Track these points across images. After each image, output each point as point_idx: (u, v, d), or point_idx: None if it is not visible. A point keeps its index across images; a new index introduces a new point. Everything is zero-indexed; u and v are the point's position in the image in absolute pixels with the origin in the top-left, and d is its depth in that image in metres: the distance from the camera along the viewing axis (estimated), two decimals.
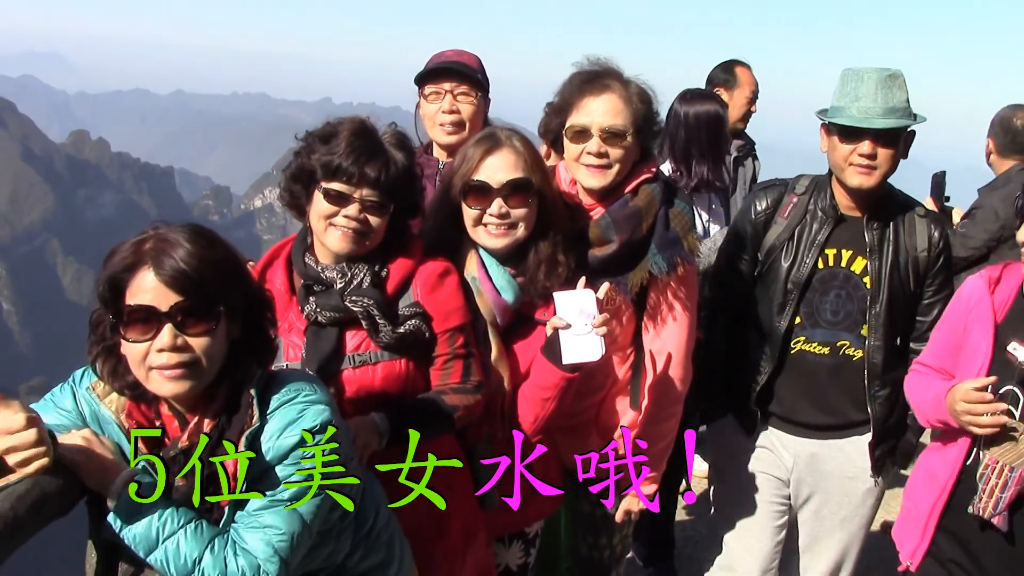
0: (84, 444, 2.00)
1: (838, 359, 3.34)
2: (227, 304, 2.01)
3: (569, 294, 2.61)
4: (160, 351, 1.94)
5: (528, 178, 2.74)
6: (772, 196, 3.37)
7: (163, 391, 1.99)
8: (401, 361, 2.60)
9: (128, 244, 1.98)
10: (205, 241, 2.00)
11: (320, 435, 2.02)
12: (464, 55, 3.50)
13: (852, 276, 3.30)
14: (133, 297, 1.94)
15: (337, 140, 2.50)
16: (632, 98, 2.90)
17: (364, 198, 2.50)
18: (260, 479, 2.00)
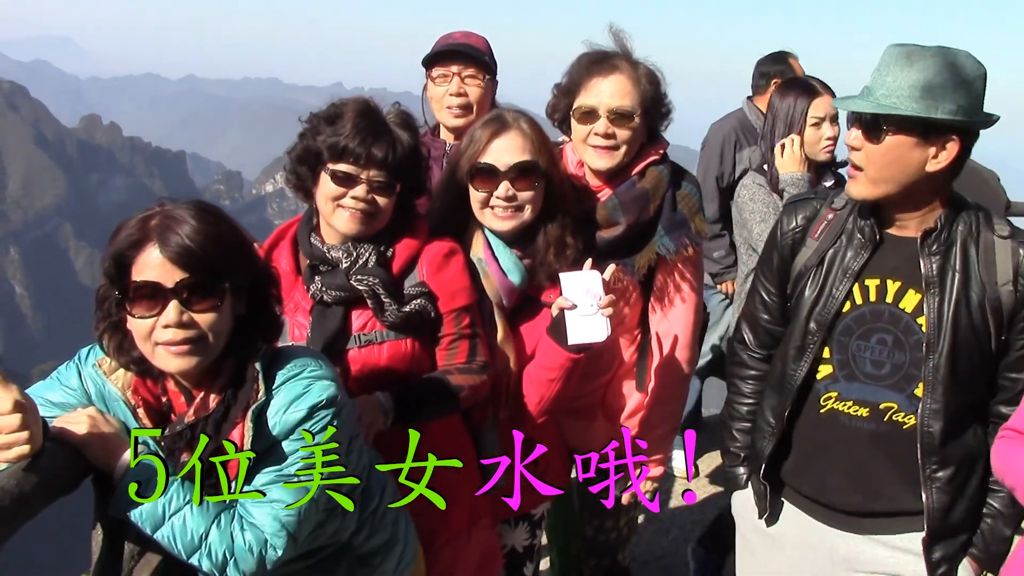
0: (89, 422, 2.00)
1: (882, 426, 2.50)
2: (232, 281, 2.01)
3: (575, 275, 2.61)
4: (166, 327, 1.94)
5: (535, 161, 2.73)
6: (805, 212, 2.64)
7: (169, 367, 1.99)
8: (406, 341, 2.60)
9: (134, 220, 1.97)
10: (211, 218, 1.99)
11: (325, 411, 2.02)
12: (472, 37, 3.47)
13: (902, 316, 2.46)
14: (139, 273, 1.94)
15: (343, 121, 2.49)
16: (640, 79, 2.88)
17: (371, 179, 2.50)
18: (266, 454, 2.01)
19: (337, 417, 2.05)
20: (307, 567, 2.25)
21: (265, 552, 1.99)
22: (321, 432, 2.02)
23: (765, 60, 5.76)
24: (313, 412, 2.01)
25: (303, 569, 2.25)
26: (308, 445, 2.01)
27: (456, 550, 2.82)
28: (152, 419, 2.09)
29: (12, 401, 1.81)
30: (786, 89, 4.22)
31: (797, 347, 2.57)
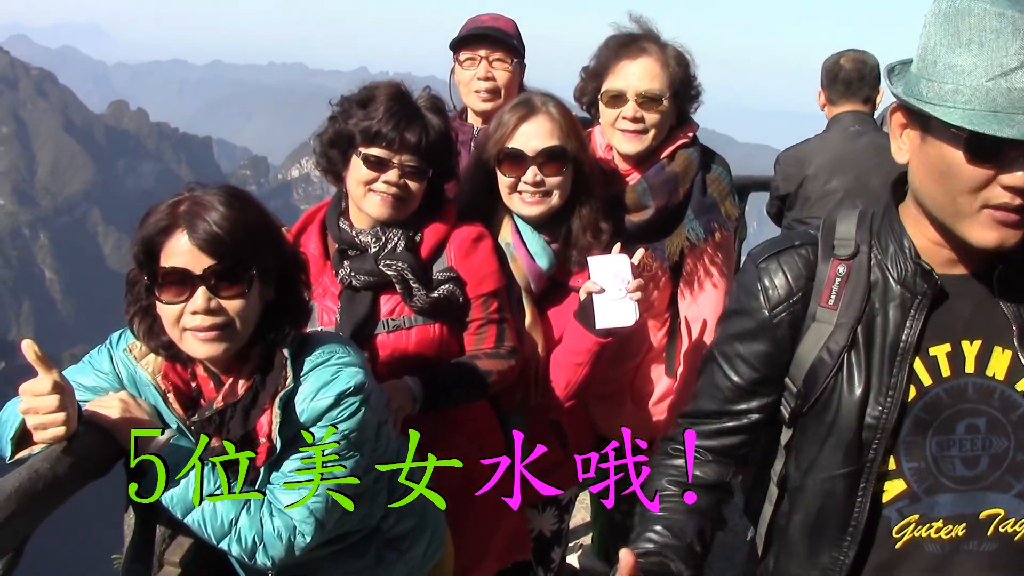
0: (121, 406, 2.01)
1: (985, 543, 1.72)
2: (260, 267, 2.00)
3: (604, 259, 2.59)
4: (194, 313, 1.94)
5: (563, 146, 2.70)
6: (793, 267, 1.79)
7: (197, 352, 1.99)
8: (435, 326, 2.60)
9: (163, 206, 1.98)
10: (239, 204, 1.99)
11: (353, 397, 2.02)
12: (500, 20, 3.45)
13: (994, 387, 1.69)
14: (167, 259, 1.94)
15: (375, 105, 2.48)
16: (669, 62, 2.85)
17: (404, 163, 2.49)
18: (295, 441, 2.01)
19: (365, 404, 2.05)
20: (336, 552, 2.26)
21: (294, 538, 2.00)
22: (350, 419, 2.02)
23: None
24: (341, 399, 2.01)
25: (332, 554, 2.26)
26: (337, 432, 2.02)
27: (484, 535, 2.83)
28: (182, 404, 2.10)
29: (51, 382, 1.82)
30: None
31: (847, 473, 1.71)
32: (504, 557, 2.96)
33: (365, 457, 2.10)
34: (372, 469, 2.19)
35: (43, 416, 1.84)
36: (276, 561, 2.02)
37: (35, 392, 1.83)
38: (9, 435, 1.93)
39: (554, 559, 3.20)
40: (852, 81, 4.43)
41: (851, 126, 4.46)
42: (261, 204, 2.08)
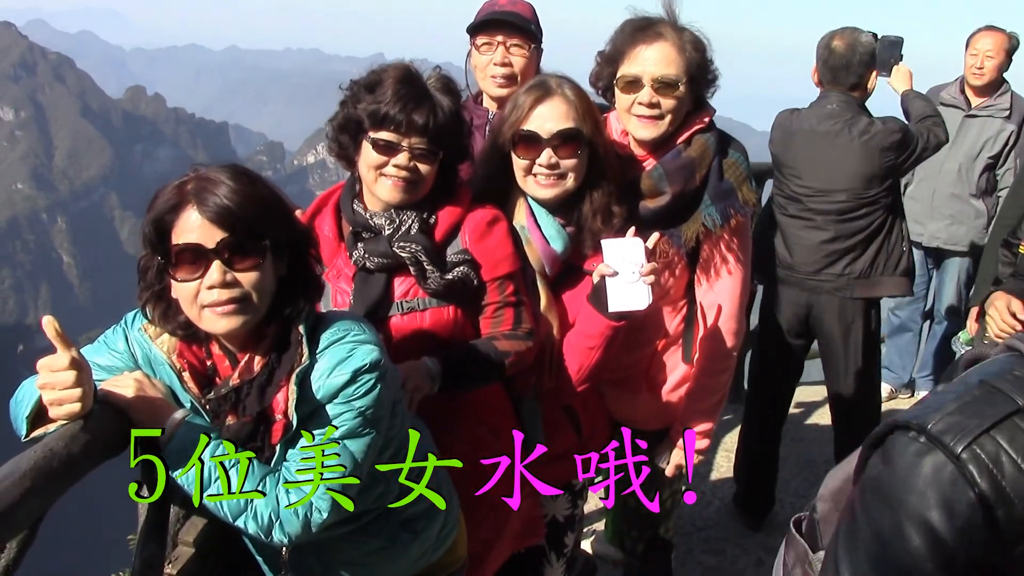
0: (136, 386, 2.02)
1: None
2: (273, 239, 2.01)
3: (618, 242, 2.57)
4: (211, 288, 1.94)
5: (578, 128, 2.68)
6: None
7: (216, 328, 2.00)
8: (449, 308, 2.59)
9: (171, 186, 1.98)
10: (247, 178, 2.00)
11: (369, 374, 2.02)
12: (519, 4, 3.40)
13: None
14: (179, 237, 1.94)
15: (383, 88, 2.46)
16: (685, 46, 2.80)
17: (413, 146, 2.47)
18: (310, 418, 2.02)
19: (381, 381, 2.05)
20: (351, 531, 2.27)
21: (310, 515, 2.00)
22: (365, 396, 2.02)
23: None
24: (357, 376, 2.01)
25: (347, 533, 2.27)
26: (353, 409, 2.02)
27: (498, 518, 2.82)
28: (197, 382, 2.10)
29: (69, 358, 1.84)
30: None
31: None
32: (517, 541, 2.96)
33: (381, 435, 2.10)
34: (388, 447, 2.19)
35: (59, 392, 1.85)
36: (293, 538, 2.02)
37: (53, 368, 1.85)
38: (25, 413, 1.94)
39: (567, 544, 3.19)
40: (839, 68, 4.41)
41: (832, 116, 4.45)
42: (267, 180, 2.09)
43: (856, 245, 4.47)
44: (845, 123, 4.36)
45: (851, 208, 4.41)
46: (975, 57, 5.73)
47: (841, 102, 4.41)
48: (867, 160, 4.35)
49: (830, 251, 4.50)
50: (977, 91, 5.83)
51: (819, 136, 4.43)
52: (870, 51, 4.40)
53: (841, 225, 4.45)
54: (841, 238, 4.46)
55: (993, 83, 5.77)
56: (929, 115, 4.62)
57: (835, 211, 4.45)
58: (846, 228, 4.45)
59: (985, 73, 5.73)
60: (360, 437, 2.04)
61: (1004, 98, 5.79)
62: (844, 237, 4.45)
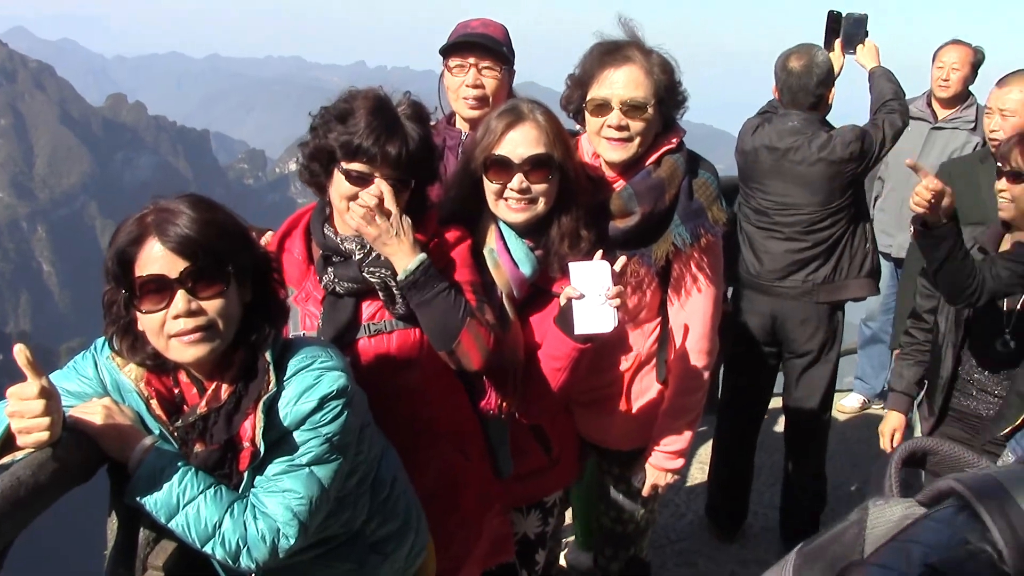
0: (104, 412, 2.03)
1: None
2: (235, 264, 2.03)
3: (584, 265, 2.60)
4: (176, 318, 1.97)
5: (550, 153, 2.71)
6: None
7: (184, 357, 2.02)
8: (415, 330, 2.61)
9: (131, 220, 2.01)
10: (205, 206, 2.02)
11: (336, 401, 2.05)
12: (491, 27, 3.43)
13: None
14: (142, 268, 1.97)
15: (355, 119, 2.46)
16: (653, 69, 2.83)
17: (385, 177, 2.49)
18: (278, 444, 2.04)
19: (348, 407, 2.08)
20: (319, 555, 2.29)
21: (278, 541, 2.03)
22: (332, 422, 2.05)
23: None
24: (324, 403, 2.04)
25: (316, 557, 2.29)
26: (320, 435, 2.04)
27: (467, 536, 2.85)
28: (165, 410, 2.12)
29: (39, 387, 1.85)
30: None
31: None
32: (488, 559, 2.99)
33: (348, 461, 2.13)
34: (356, 472, 2.21)
35: (28, 420, 1.87)
36: (260, 564, 2.04)
37: (22, 396, 1.86)
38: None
39: (538, 561, 3.22)
40: (797, 91, 4.49)
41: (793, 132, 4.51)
42: (227, 207, 2.11)
43: (821, 253, 4.54)
44: (805, 139, 4.43)
45: (816, 220, 4.47)
46: (941, 70, 5.81)
47: (802, 119, 4.48)
48: (828, 174, 4.42)
49: (795, 259, 4.57)
50: (943, 103, 5.91)
51: (780, 152, 4.50)
52: (826, 69, 4.47)
53: (807, 236, 4.52)
54: (807, 248, 4.53)
55: (959, 95, 5.84)
56: (890, 99, 4.68)
57: (800, 223, 4.52)
58: (812, 238, 4.51)
59: (951, 85, 5.81)
60: (327, 463, 2.07)
61: (970, 110, 5.87)
62: (810, 247, 4.51)
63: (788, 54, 4.54)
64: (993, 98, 4.21)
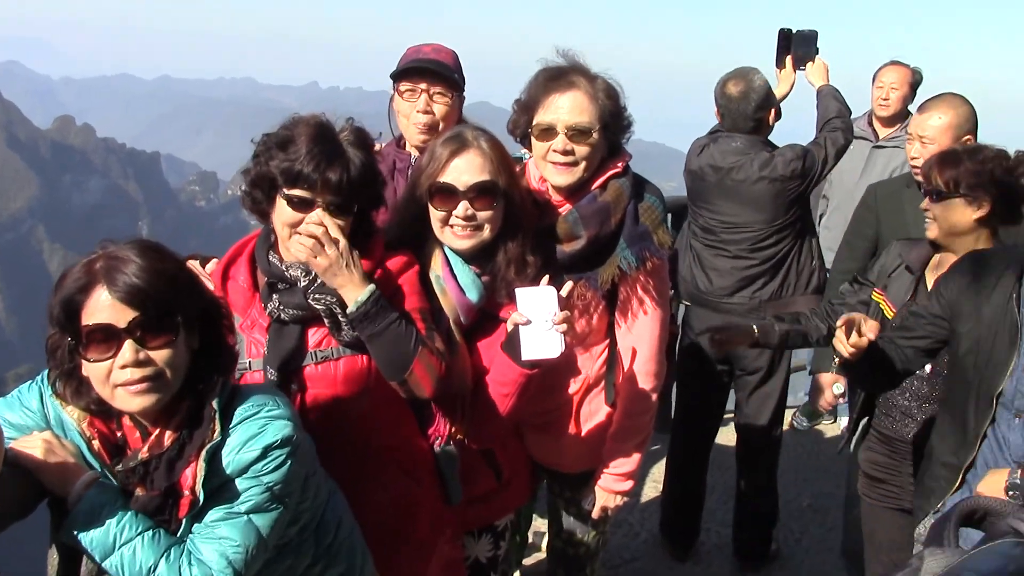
0: (45, 446, 2.00)
1: None
2: (184, 314, 2.01)
3: (531, 291, 2.61)
4: (123, 368, 1.94)
5: (494, 180, 2.73)
6: None
7: (130, 407, 1.99)
8: (363, 356, 2.60)
9: (78, 266, 1.98)
10: (155, 254, 2.00)
11: (280, 450, 2.03)
12: (442, 52, 3.44)
13: None
14: (90, 317, 1.94)
15: (296, 146, 2.46)
16: (598, 94, 2.87)
17: (328, 203, 2.49)
18: (219, 492, 2.01)
19: (292, 457, 2.06)
20: None
21: None
22: (274, 471, 2.03)
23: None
24: (267, 452, 2.02)
25: None
26: (261, 484, 2.02)
27: (418, 561, 2.84)
28: (107, 451, 2.09)
29: None
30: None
31: None
32: None
33: (289, 510, 2.11)
34: (298, 520, 2.20)
35: None
36: None
37: None
38: None
39: None
40: (736, 116, 4.59)
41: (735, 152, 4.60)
42: (176, 253, 2.09)
43: (768, 270, 4.61)
44: (748, 159, 4.51)
45: (762, 237, 4.55)
46: (881, 89, 5.95)
47: (745, 140, 4.58)
48: (772, 192, 4.50)
49: (743, 276, 4.64)
50: (884, 122, 6.05)
51: (724, 171, 4.59)
52: (763, 94, 4.57)
53: (754, 254, 4.59)
54: (754, 265, 4.59)
55: (899, 114, 5.98)
56: (833, 117, 4.79)
57: (747, 240, 4.59)
58: (759, 256, 4.59)
59: (891, 104, 5.95)
60: (266, 512, 2.05)
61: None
62: (757, 264, 4.58)
63: (726, 79, 4.63)
64: (913, 124, 4.18)
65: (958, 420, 2.96)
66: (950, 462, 2.97)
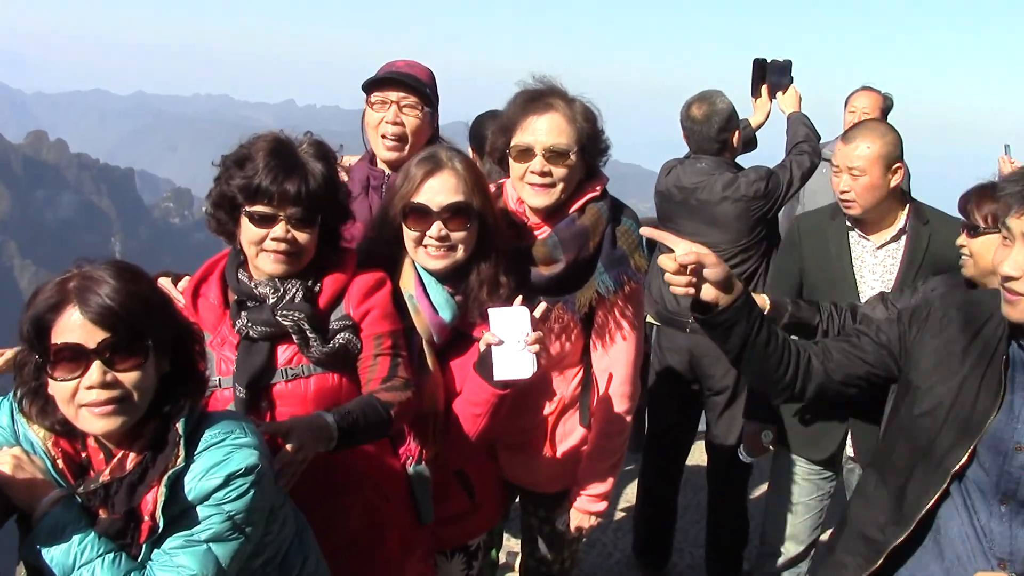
0: (13, 462, 1.99)
1: None
2: (155, 338, 1.99)
3: (504, 311, 2.63)
4: (89, 388, 1.92)
5: (468, 201, 2.74)
6: None
7: (94, 428, 1.97)
8: (333, 374, 2.60)
9: (51, 284, 1.96)
10: (129, 276, 1.98)
11: (243, 479, 2.00)
12: (416, 67, 3.44)
13: None
14: (59, 336, 1.92)
15: (253, 162, 2.48)
16: (576, 117, 2.91)
17: (290, 216, 2.50)
18: (180, 519, 1.99)
19: (256, 487, 2.02)
20: None
21: None
22: (236, 500, 2.00)
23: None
24: (230, 480, 1.99)
25: None
26: (222, 512, 1.99)
27: None
28: (71, 471, 2.06)
29: None
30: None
31: None
32: None
33: (252, 541, 2.08)
34: (262, 553, 2.17)
35: None
36: None
37: None
38: None
39: None
40: (701, 139, 4.67)
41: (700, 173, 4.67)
42: (150, 277, 2.08)
43: None
44: (712, 179, 4.57)
45: (727, 257, 4.57)
46: (853, 114, 6.02)
47: (711, 162, 4.65)
48: (735, 212, 4.56)
49: None
50: None
51: (688, 191, 4.65)
52: (726, 116, 4.64)
53: None
54: None
55: None
56: (800, 141, 4.87)
57: None
58: None
59: None
60: (227, 541, 2.01)
61: None
62: None
63: (691, 102, 4.71)
64: (840, 156, 3.68)
65: (892, 488, 2.41)
66: (873, 537, 2.42)
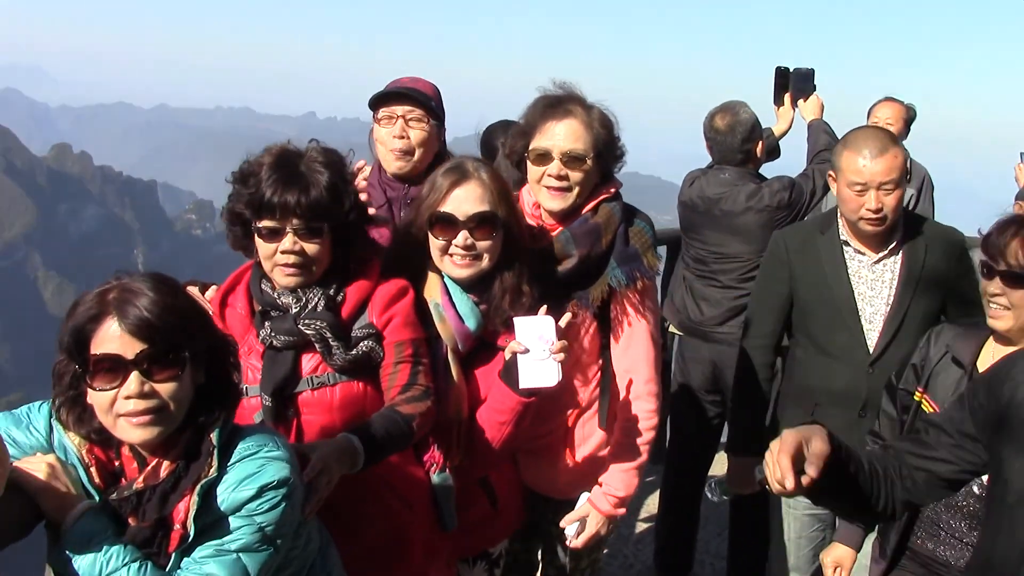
0: (48, 470, 2.01)
1: None
2: (192, 350, 2.02)
3: (529, 320, 2.65)
4: (127, 398, 1.95)
5: (494, 211, 2.78)
6: None
7: (131, 438, 2.00)
8: (358, 382, 2.62)
9: (91, 295, 2.00)
10: (167, 289, 2.02)
11: (275, 491, 2.03)
12: (420, 82, 3.49)
13: None
14: (98, 347, 1.95)
15: (257, 177, 2.51)
16: (593, 123, 2.97)
17: (295, 228, 2.52)
18: (211, 528, 2.01)
19: (287, 499, 2.05)
20: None
21: None
22: (268, 512, 2.02)
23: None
24: (263, 491, 2.01)
25: None
26: (253, 523, 2.01)
27: None
28: (103, 478, 2.09)
29: None
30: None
31: None
32: None
33: (280, 553, 2.10)
34: (288, 566, 2.20)
35: None
36: None
37: None
38: None
39: None
40: (725, 150, 4.68)
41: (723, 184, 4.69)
42: (188, 291, 2.10)
43: None
44: (735, 189, 4.57)
45: (751, 267, 4.59)
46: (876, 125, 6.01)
47: (734, 172, 4.65)
48: (759, 223, 4.56)
49: (732, 306, 4.69)
50: None
51: (711, 202, 4.66)
52: (749, 127, 4.64)
53: (743, 284, 4.65)
54: (743, 295, 4.63)
55: None
56: (822, 149, 4.85)
57: (736, 270, 4.65)
58: (747, 286, 4.63)
59: None
60: (256, 552, 2.03)
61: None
62: (746, 294, 4.61)
63: (714, 113, 4.72)
64: (869, 173, 3.29)
65: None
66: None
